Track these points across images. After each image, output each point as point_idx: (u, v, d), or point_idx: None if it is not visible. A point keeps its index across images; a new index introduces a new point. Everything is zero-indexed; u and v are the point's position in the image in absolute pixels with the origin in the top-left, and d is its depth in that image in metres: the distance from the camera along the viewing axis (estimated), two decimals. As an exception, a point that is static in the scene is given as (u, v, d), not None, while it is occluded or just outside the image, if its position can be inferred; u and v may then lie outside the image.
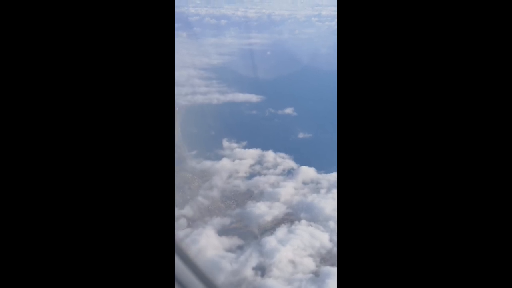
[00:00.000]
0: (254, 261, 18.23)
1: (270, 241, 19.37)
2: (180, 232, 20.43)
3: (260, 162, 27.94)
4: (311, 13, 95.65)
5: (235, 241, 19.99)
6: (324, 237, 19.85)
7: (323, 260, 18.72)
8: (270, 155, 28.55)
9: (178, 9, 78.78)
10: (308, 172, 25.84)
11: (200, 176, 26.82)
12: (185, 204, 23.31)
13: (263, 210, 21.98)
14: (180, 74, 47.69)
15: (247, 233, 20.74)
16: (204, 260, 18.31)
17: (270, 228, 20.90)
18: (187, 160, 28.54)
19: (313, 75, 48.29)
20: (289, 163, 27.61)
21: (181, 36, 66.70)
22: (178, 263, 2.44)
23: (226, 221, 21.58)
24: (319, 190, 24.13)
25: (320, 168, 25.82)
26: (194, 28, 74.61)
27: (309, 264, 18.39)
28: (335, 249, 18.82)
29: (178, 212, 22.38)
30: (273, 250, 18.75)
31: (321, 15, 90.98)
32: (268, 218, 21.51)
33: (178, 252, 2.47)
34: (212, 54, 59.27)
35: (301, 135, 32.48)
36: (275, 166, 27.36)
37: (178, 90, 42.57)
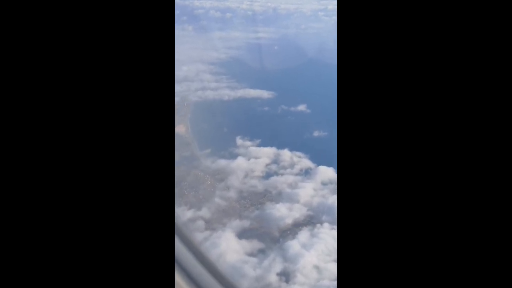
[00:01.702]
0: (278, 266, 17.72)
1: (293, 245, 18.84)
2: (199, 235, 19.97)
3: (276, 161, 27.39)
4: (317, 7, 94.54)
5: (255, 244, 19.49)
6: (348, 241, 19.30)
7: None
8: (286, 154, 27.98)
9: (183, 2, 78.24)
10: (326, 172, 25.24)
11: (214, 175, 26.32)
12: (201, 205, 22.83)
13: (283, 213, 21.45)
14: (189, 69, 47.22)
15: (267, 236, 20.25)
16: (226, 265, 17.85)
17: (292, 231, 20.38)
18: (201, 159, 28.04)
19: (323, 70, 47.59)
20: (306, 162, 27.03)
21: (187, 30, 66.22)
22: (199, 268, 2.50)
23: (245, 223, 21.07)
24: (339, 192, 23.53)
25: (339, 168, 25.20)
26: (200, 22, 73.81)
27: (335, 270, 17.82)
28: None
29: (195, 213, 21.96)
30: (297, 255, 18.23)
31: (328, 9, 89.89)
32: (289, 220, 21.00)
33: (198, 256, 2.55)
34: (220, 49, 58.55)
35: (316, 133, 31.84)
36: (292, 165, 26.79)
37: (187, 85, 42.07)
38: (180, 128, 33.21)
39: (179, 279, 2.46)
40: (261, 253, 18.87)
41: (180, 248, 2.57)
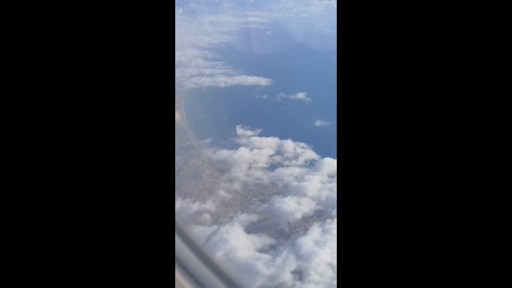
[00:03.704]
0: (292, 264, 17.28)
1: (306, 242, 18.43)
2: (207, 229, 19.47)
3: (279, 152, 26.92)
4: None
5: (265, 240, 19.06)
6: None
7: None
8: (289, 144, 27.50)
9: (172, -16, 76.12)
10: (332, 164, 24.80)
11: (213, 164, 25.72)
12: (206, 198, 22.26)
13: (292, 207, 21.03)
14: (182, 54, 46.25)
15: (277, 232, 19.81)
16: (238, 262, 17.38)
17: (301, 227, 19.96)
18: (202, 149, 27.36)
19: (318, 57, 47.02)
20: (310, 153, 26.57)
21: (177, 13, 64.75)
22: (204, 269, 2.52)
23: (253, 217, 20.59)
24: (346, 184, 23.17)
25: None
26: (190, 4, 72.17)
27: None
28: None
29: (200, 206, 21.45)
30: (310, 252, 17.83)
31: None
32: (298, 215, 20.58)
33: (202, 257, 2.57)
34: (213, 33, 57.57)
35: (318, 123, 31.33)
36: (296, 156, 26.32)
37: (181, 71, 41.17)
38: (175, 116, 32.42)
39: (178, 276, 2.44)
40: (273, 249, 18.45)
41: (179, 244, 2.58)
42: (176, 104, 34.10)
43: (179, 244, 2.59)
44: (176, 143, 27.97)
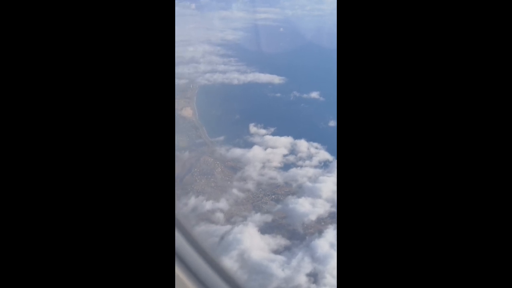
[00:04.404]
0: (307, 266, 17.15)
1: (321, 245, 18.28)
2: (221, 229, 19.35)
3: (293, 151, 26.73)
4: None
5: (280, 241, 18.95)
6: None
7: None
8: (303, 144, 27.29)
9: (183, -21, 75.99)
10: (347, 166, 24.56)
11: (225, 162, 25.60)
12: (219, 196, 22.15)
13: (307, 208, 20.88)
14: (195, 49, 46.09)
15: (291, 233, 19.68)
16: (252, 263, 17.28)
17: (316, 228, 19.82)
18: (215, 147, 27.24)
19: (331, 55, 46.60)
20: (323, 154, 26.35)
21: (189, 8, 64.74)
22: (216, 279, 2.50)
23: (267, 218, 20.45)
24: (361, 187, 22.99)
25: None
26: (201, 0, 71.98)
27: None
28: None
29: (213, 205, 21.35)
30: (326, 255, 17.67)
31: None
32: (312, 217, 20.44)
33: (211, 264, 2.56)
34: (226, 29, 57.29)
35: (332, 123, 31.00)
36: (310, 157, 26.13)
37: (194, 67, 41.06)
38: (186, 112, 32.33)
39: (179, 272, 2.44)
40: (287, 250, 18.31)
41: (180, 240, 2.56)
42: (188, 100, 34.01)
43: (182, 242, 2.60)
44: (188, 139, 27.96)
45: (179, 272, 2.48)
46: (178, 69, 39.31)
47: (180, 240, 2.59)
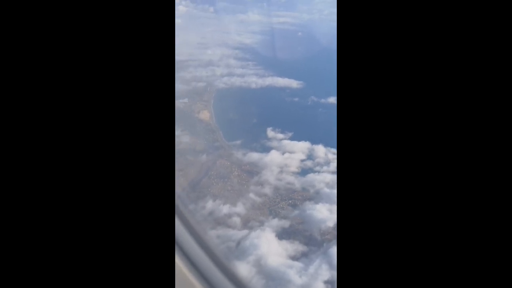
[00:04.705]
0: (325, 274, 17.02)
1: (339, 252, 18.11)
2: (238, 233, 19.36)
3: (310, 157, 26.63)
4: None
5: (298, 247, 18.86)
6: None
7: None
8: (320, 149, 27.17)
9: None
10: (365, 172, 24.41)
11: (241, 165, 25.59)
12: (236, 200, 22.14)
13: (324, 214, 20.75)
14: (213, 52, 46.25)
15: (309, 239, 19.57)
16: (269, 269, 17.22)
17: (333, 235, 19.66)
18: (232, 151, 27.27)
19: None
20: (341, 160, 26.15)
21: (208, 11, 65.08)
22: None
23: (285, 223, 20.37)
24: (379, 195, 22.79)
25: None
26: (219, 3, 72.38)
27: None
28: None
29: (230, 209, 21.33)
30: (344, 263, 17.49)
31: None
32: (330, 223, 20.24)
33: (225, 272, 2.52)
34: (244, 33, 57.51)
35: (349, 129, 30.89)
36: (327, 162, 25.99)
37: (212, 70, 41.18)
38: (204, 115, 32.43)
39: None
40: (305, 257, 18.20)
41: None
42: (205, 103, 34.13)
43: (194, 246, 2.58)
44: (205, 142, 28.03)
45: (190, 277, 2.48)
46: (196, 72, 39.59)
47: (192, 244, 2.60)
